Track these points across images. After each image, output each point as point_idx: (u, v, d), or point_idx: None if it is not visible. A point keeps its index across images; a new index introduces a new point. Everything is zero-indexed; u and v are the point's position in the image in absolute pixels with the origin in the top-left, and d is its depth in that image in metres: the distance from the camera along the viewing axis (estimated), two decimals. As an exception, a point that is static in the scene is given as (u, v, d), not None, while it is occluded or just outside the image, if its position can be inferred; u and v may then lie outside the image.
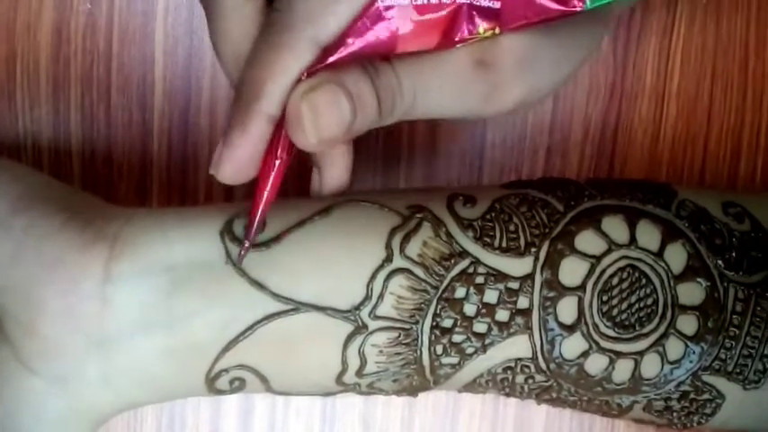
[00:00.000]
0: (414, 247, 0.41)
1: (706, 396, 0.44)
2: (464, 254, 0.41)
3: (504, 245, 0.42)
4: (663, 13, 0.52)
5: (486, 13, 0.36)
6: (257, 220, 0.39)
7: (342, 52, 0.36)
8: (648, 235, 0.43)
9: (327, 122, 0.36)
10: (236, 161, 0.37)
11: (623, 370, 0.42)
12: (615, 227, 0.43)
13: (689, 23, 0.52)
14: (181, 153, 0.52)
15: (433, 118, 0.40)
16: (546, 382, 0.43)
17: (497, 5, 0.36)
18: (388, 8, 0.36)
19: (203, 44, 0.51)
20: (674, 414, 0.44)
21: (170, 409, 0.52)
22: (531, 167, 0.53)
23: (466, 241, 0.42)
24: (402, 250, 0.41)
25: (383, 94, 0.37)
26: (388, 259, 0.41)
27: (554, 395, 0.44)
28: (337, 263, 0.41)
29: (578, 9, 0.36)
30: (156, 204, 0.52)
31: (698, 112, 0.53)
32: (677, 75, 0.52)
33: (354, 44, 0.36)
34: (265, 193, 0.39)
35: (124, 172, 0.52)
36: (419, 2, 0.36)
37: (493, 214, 0.42)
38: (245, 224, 0.41)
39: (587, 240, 0.42)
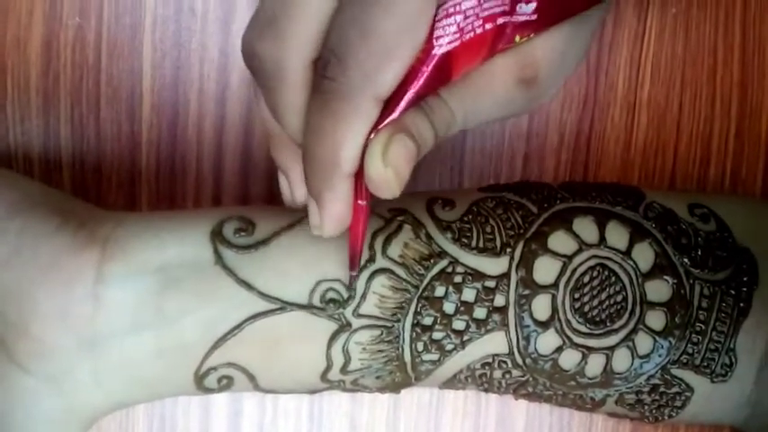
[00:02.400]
0: (395, 249, 0.45)
1: (675, 389, 0.47)
2: (443, 254, 0.45)
3: (481, 245, 0.46)
4: (633, 24, 0.55)
5: (524, 25, 0.39)
6: (358, 252, 0.43)
7: (404, 104, 0.37)
8: (617, 235, 0.47)
9: (406, 172, 0.38)
10: (334, 217, 0.39)
11: (595, 364, 0.46)
12: (585, 227, 0.47)
13: (658, 34, 0.55)
14: (169, 164, 0.55)
15: None
16: (522, 377, 0.47)
17: (534, 17, 0.38)
18: (439, 43, 0.37)
19: (191, 57, 0.54)
20: (646, 407, 0.48)
21: (161, 411, 0.55)
22: (509, 173, 0.56)
23: (445, 242, 0.46)
24: (384, 251, 0.45)
25: (439, 125, 0.40)
26: (371, 260, 0.45)
27: (530, 389, 0.48)
28: (322, 264, 0.45)
29: (600, 1, 0.39)
30: (146, 214, 0.55)
31: (668, 120, 0.56)
32: (647, 84, 0.56)
33: (414, 91, 0.37)
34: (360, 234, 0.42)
35: (113, 183, 0.55)
36: (466, 29, 0.37)
37: (470, 216, 0.46)
38: (234, 228, 0.45)
39: (559, 240, 0.46)
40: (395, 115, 0.37)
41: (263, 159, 0.55)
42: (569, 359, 0.46)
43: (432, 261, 0.45)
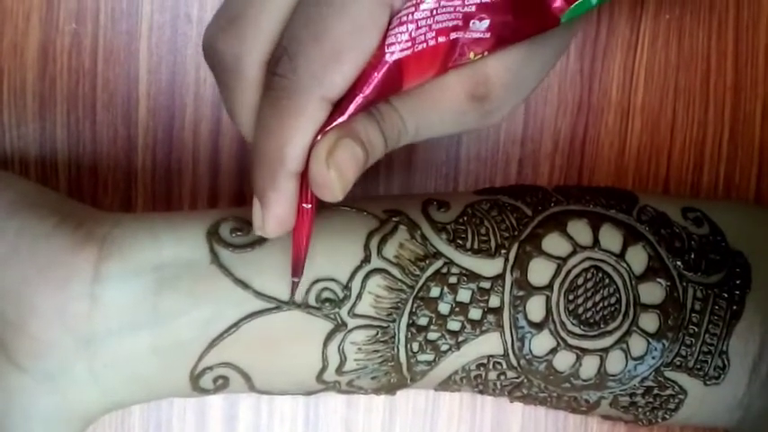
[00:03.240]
0: (390, 249, 0.46)
1: (669, 391, 0.48)
2: (438, 255, 0.46)
3: (475, 246, 0.47)
4: (627, 31, 0.56)
5: (478, 42, 0.39)
6: (302, 258, 0.42)
7: (353, 108, 0.38)
8: (611, 238, 0.48)
9: (350, 176, 0.38)
10: (278, 217, 0.39)
11: (589, 366, 0.47)
12: (579, 230, 0.48)
13: (652, 40, 0.56)
14: (165, 168, 0.56)
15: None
16: (517, 378, 0.47)
17: (488, 35, 0.38)
18: (390, 51, 0.37)
19: (186, 62, 0.55)
20: (640, 409, 0.49)
21: (156, 416, 0.56)
22: (504, 178, 0.57)
23: (440, 243, 0.46)
24: (380, 251, 0.46)
25: (389, 134, 0.40)
26: (367, 260, 0.45)
27: (525, 391, 0.48)
28: (318, 263, 0.45)
29: (555, 25, 0.39)
30: (142, 217, 0.55)
31: (661, 126, 0.57)
32: (641, 90, 0.56)
33: (363, 96, 0.38)
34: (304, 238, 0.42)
35: (109, 186, 0.55)
36: (418, 39, 0.38)
37: (465, 218, 0.47)
38: (231, 228, 0.46)
39: (554, 242, 0.47)
40: (343, 118, 0.38)
41: (258, 164, 0.56)
42: (564, 361, 0.47)
43: (427, 262, 0.46)
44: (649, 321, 0.47)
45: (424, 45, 0.38)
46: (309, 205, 0.40)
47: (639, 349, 0.47)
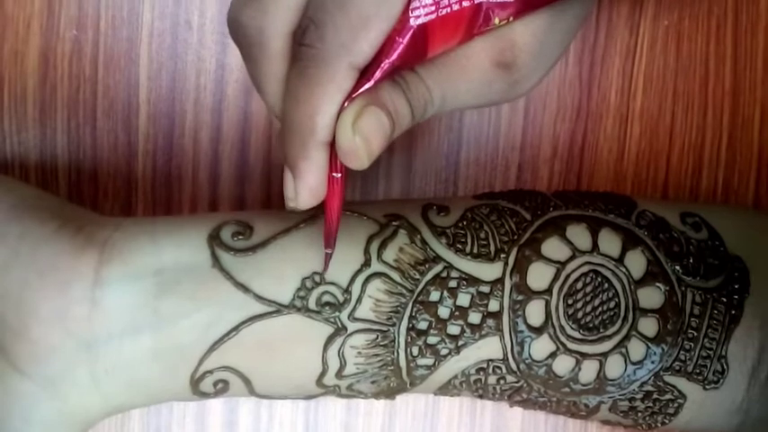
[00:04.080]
0: (390, 253, 0.46)
1: (668, 396, 0.48)
2: (438, 259, 0.46)
3: (475, 251, 0.47)
4: (625, 36, 0.57)
5: (502, 7, 0.39)
6: (334, 229, 0.43)
7: (379, 74, 0.38)
8: (610, 242, 0.48)
9: (376, 144, 0.39)
10: (310, 187, 0.40)
11: (589, 370, 0.47)
12: (579, 234, 0.48)
13: (651, 45, 0.57)
14: (165, 174, 0.56)
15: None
16: (517, 382, 0.48)
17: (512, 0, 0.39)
18: (415, 15, 0.38)
19: (187, 69, 0.55)
20: (639, 414, 0.49)
21: (156, 421, 0.56)
22: (503, 183, 0.57)
23: (439, 247, 0.47)
24: (379, 256, 0.46)
25: (416, 104, 0.41)
26: (367, 264, 0.46)
27: (525, 396, 0.49)
28: (318, 268, 0.45)
29: None
30: (142, 223, 0.56)
31: (660, 131, 0.57)
32: (640, 95, 0.57)
33: (389, 62, 0.38)
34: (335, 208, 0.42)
35: (110, 193, 0.56)
36: (442, 3, 0.38)
37: (465, 222, 0.48)
38: (232, 231, 0.46)
39: (553, 247, 0.47)
40: (369, 84, 0.38)
41: (259, 170, 0.56)
42: (563, 365, 0.47)
43: (427, 266, 0.46)
44: (648, 326, 0.48)
45: (449, 9, 0.38)
46: (339, 174, 0.41)
47: (639, 354, 0.48)
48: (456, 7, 0.39)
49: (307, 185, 0.40)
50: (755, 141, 0.58)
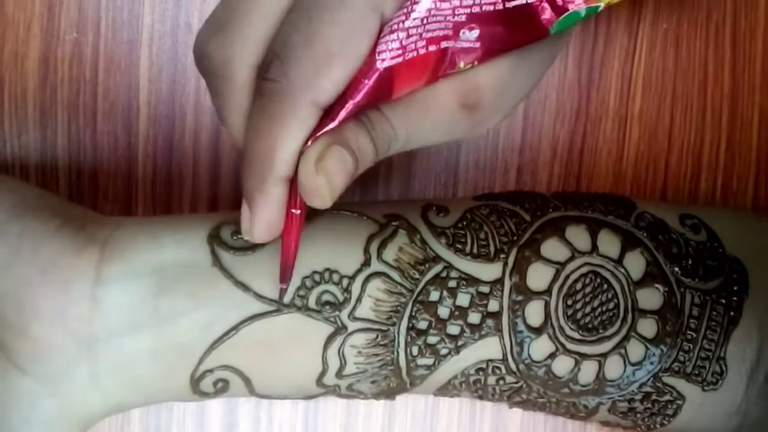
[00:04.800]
0: (390, 253, 0.46)
1: (667, 397, 0.49)
2: (437, 259, 0.47)
3: (475, 251, 0.47)
4: (624, 39, 0.57)
5: (467, 52, 0.40)
6: (290, 265, 0.43)
7: (343, 114, 0.38)
8: (609, 243, 0.48)
9: (339, 183, 0.39)
10: (266, 222, 0.40)
11: (588, 371, 0.47)
12: (578, 235, 0.48)
13: (650, 48, 0.57)
14: (165, 176, 0.56)
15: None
16: (516, 383, 0.48)
17: (477, 44, 0.39)
18: (381, 58, 0.38)
19: (187, 71, 0.56)
20: (638, 415, 0.49)
21: (156, 422, 0.56)
22: (503, 186, 0.57)
23: (439, 247, 0.47)
24: (379, 255, 0.46)
25: (380, 142, 0.40)
26: (367, 263, 0.46)
27: (524, 396, 0.49)
28: (319, 266, 0.46)
29: (544, 36, 0.39)
30: (142, 225, 0.56)
31: (659, 133, 0.58)
32: (639, 98, 0.57)
33: (354, 102, 0.38)
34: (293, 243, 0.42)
35: (110, 195, 0.56)
36: (408, 47, 0.38)
37: (464, 223, 0.48)
38: (232, 231, 0.46)
39: (552, 248, 0.48)
40: (334, 124, 0.38)
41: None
42: (562, 365, 0.47)
43: (426, 266, 0.47)
44: (647, 327, 0.48)
45: (415, 53, 0.39)
46: (299, 211, 0.41)
47: (638, 355, 0.48)
48: (422, 51, 0.39)
49: (262, 220, 0.40)
50: (754, 144, 0.58)
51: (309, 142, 0.38)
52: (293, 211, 0.40)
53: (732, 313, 0.49)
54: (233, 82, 0.39)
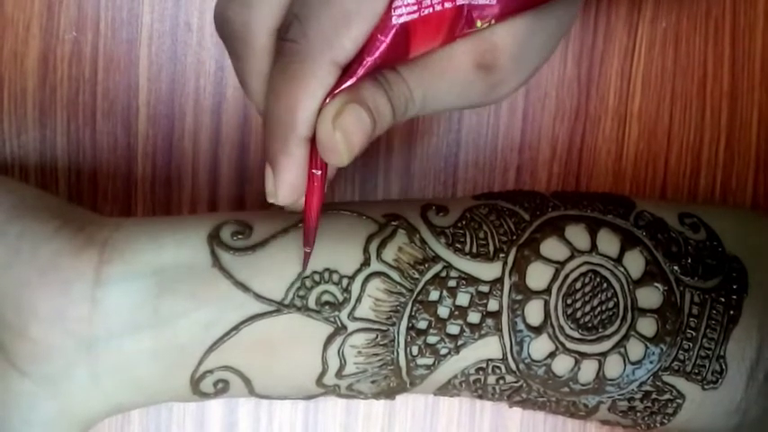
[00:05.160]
0: (390, 253, 0.46)
1: (667, 396, 0.49)
2: (437, 259, 0.47)
3: (474, 251, 0.47)
4: (624, 38, 0.57)
5: (484, 9, 0.40)
6: (313, 226, 0.43)
7: (361, 71, 0.38)
8: (608, 242, 0.48)
9: (356, 141, 0.39)
10: (289, 183, 0.40)
11: (588, 370, 0.47)
12: (577, 235, 0.48)
13: (649, 47, 0.57)
14: (165, 176, 0.56)
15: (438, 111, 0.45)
16: (516, 382, 0.48)
17: (494, 2, 0.39)
18: (397, 14, 0.38)
19: (186, 70, 0.56)
20: (638, 414, 0.49)
21: (156, 422, 0.56)
22: (502, 185, 0.57)
23: (438, 247, 0.47)
24: (379, 255, 0.46)
25: (396, 102, 0.41)
26: (366, 263, 0.46)
27: (524, 396, 0.49)
28: (319, 268, 0.46)
29: None
30: (141, 225, 0.56)
31: (659, 132, 0.58)
32: (638, 96, 0.57)
33: (371, 59, 0.38)
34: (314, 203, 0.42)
35: (109, 195, 0.56)
36: (424, 3, 0.39)
37: (464, 222, 0.48)
38: (232, 231, 0.46)
39: (552, 247, 0.48)
40: (351, 81, 0.39)
41: (258, 172, 0.57)
42: (562, 365, 0.48)
43: (426, 265, 0.47)
44: (647, 326, 0.48)
45: (431, 9, 0.39)
46: (319, 171, 0.41)
47: (637, 353, 0.48)
48: (438, 8, 0.39)
49: (286, 181, 0.40)
50: (753, 142, 0.58)
51: (327, 100, 0.39)
52: (314, 171, 0.41)
53: (732, 312, 0.49)
54: (253, 46, 0.40)
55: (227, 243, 0.46)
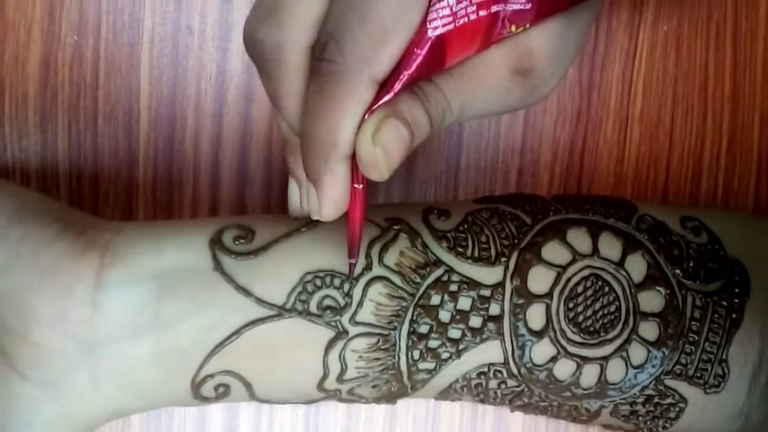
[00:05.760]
0: (391, 257, 0.46)
1: (669, 400, 0.48)
2: (438, 263, 0.47)
3: (476, 254, 0.47)
4: (625, 41, 0.57)
5: (519, 15, 0.39)
6: (357, 239, 0.43)
7: (398, 86, 0.38)
8: (610, 246, 0.48)
9: (396, 155, 0.39)
10: (334, 200, 0.40)
11: (590, 374, 0.47)
12: (579, 238, 0.48)
13: (650, 50, 0.57)
14: (166, 179, 0.56)
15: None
16: (518, 387, 0.48)
17: (528, 6, 0.39)
18: (433, 26, 0.38)
19: (188, 74, 0.56)
20: (640, 418, 0.49)
21: (156, 427, 0.56)
22: (503, 188, 0.57)
23: (440, 251, 0.47)
24: (381, 259, 0.46)
25: (434, 113, 0.41)
26: (368, 267, 0.46)
27: (526, 400, 0.49)
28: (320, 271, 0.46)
29: None
30: (143, 229, 0.56)
31: (660, 135, 0.58)
32: (640, 100, 0.57)
33: (408, 73, 0.38)
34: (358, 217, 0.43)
35: (111, 198, 0.56)
36: (459, 14, 0.38)
37: (465, 226, 0.48)
38: (234, 235, 0.46)
39: (553, 251, 0.48)
40: (389, 96, 0.39)
41: (259, 176, 0.57)
42: (564, 369, 0.47)
43: (427, 269, 0.47)
44: (649, 329, 0.48)
45: (466, 19, 0.39)
46: (361, 186, 0.41)
47: (639, 357, 0.48)
48: (473, 17, 0.39)
49: (331, 198, 0.40)
50: (755, 146, 0.58)
51: (366, 116, 0.39)
52: (356, 185, 0.41)
53: (734, 315, 0.49)
54: (286, 66, 0.40)
55: (228, 247, 0.46)
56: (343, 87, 0.38)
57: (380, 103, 0.39)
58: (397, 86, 0.39)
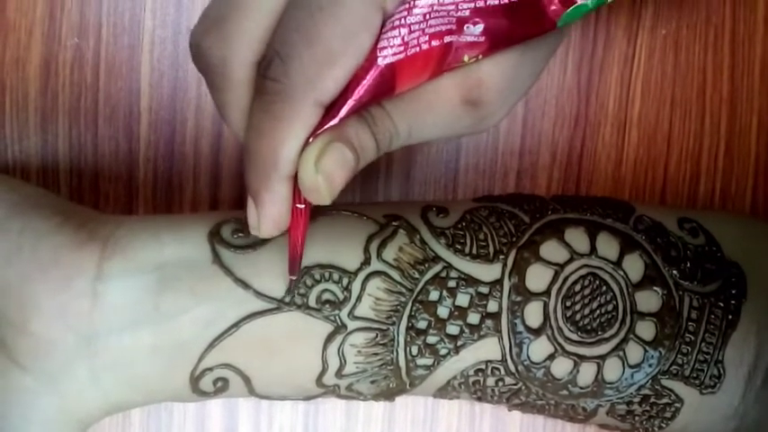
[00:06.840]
0: (390, 252, 0.47)
1: (665, 400, 0.49)
2: (437, 259, 0.47)
3: (474, 252, 0.47)
4: (623, 45, 0.58)
5: (472, 46, 0.39)
6: (297, 258, 0.43)
7: (344, 112, 0.38)
8: (608, 246, 0.49)
9: (339, 181, 0.39)
10: (272, 218, 0.40)
11: (587, 373, 0.48)
12: (577, 237, 0.49)
13: (649, 54, 0.58)
14: (166, 181, 0.57)
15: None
16: (515, 384, 0.48)
17: (482, 39, 0.39)
18: (383, 55, 0.38)
19: (188, 76, 0.56)
20: (637, 418, 0.50)
21: (156, 425, 0.57)
22: (502, 190, 0.58)
23: (439, 247, 0.47)
24: (379, 255, 0.47)
25: (381, 137, 0.40)
26: (367, 262, 0.46)
27: (523, 398, 0.49)
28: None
29: (552, 29, 0.39)
30: (142, 230, 0.56)
31: (658, 138, 0.58)
32: (638, 103, 0.58)
33: (355, 99, 0.38)
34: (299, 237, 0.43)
35: (111, 199, 0.57)
36: (411, 43, 0.38)
37: (464, 224, 0.48)
38: (233, 229, 0.47)
39: (551, 249, 0.48)
40: (334, 121, 0.38)
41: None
42: (561, 367, 0.48)
43: (426, 265, 0.47)
44: (646, 329, 0.48)
45: (417, 49, 0.38)
46: (303, 205, 0.41)
47: (636, 357, 0.48)
48: (425, 47, 0.39)
49: (270, 217, 0.40)
50: (752, 149, 0.59)
51: (311, 139, 0.38)
52: (298, 205, 0.41)
53: (730, 317, 0.49)
54: (231, 79, 0.39)
55: (227, 240, 0.47)
56: (287, 108, 0.38)
57: (325, 128, 0.38)
58: (343, 112, 0.38)
